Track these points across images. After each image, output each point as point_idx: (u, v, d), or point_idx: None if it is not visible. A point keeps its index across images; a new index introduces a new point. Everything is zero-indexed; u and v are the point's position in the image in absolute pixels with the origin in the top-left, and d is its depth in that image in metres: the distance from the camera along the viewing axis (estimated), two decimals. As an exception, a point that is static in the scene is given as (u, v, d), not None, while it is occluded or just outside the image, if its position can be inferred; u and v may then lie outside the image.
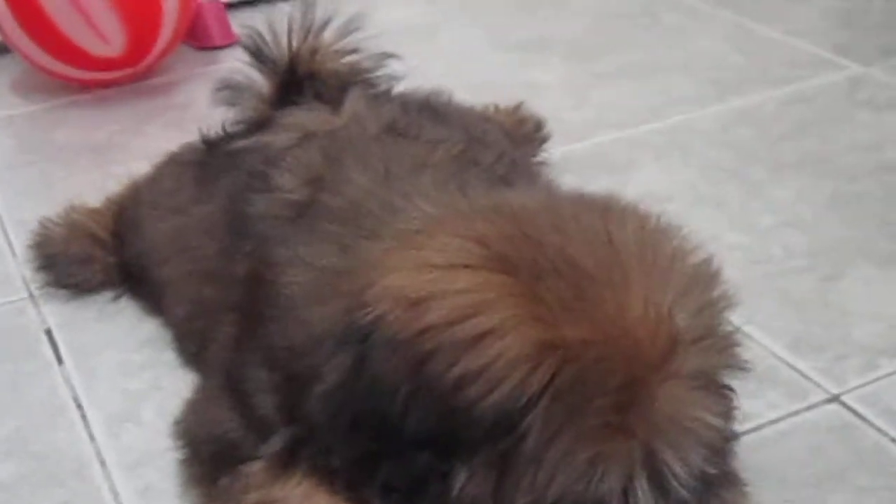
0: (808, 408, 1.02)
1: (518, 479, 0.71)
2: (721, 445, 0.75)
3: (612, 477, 0.70)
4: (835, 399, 1.03)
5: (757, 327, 1.11)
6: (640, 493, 0.70)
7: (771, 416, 1.01)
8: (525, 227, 0.76)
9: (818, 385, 1.05)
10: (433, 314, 0.71)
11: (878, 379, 1.05)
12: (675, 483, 0.71)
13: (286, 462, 0.86)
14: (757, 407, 1.01)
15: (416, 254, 0.76)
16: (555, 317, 0.70)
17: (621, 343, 0.70)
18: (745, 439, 0.96)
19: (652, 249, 0.76)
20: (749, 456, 0.92)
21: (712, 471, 0.74)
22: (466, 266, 0.73)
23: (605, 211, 0.80)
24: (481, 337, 0.70)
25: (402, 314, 0.73)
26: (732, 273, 0.82)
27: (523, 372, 0.69)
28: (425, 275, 0.74)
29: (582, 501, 0.71)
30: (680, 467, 0.71)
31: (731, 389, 0.79)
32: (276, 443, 0.86)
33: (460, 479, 0.73)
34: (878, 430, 0.99)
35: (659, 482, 0.71)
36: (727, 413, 0.77)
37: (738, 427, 0.96)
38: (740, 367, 0.79)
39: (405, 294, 0.73)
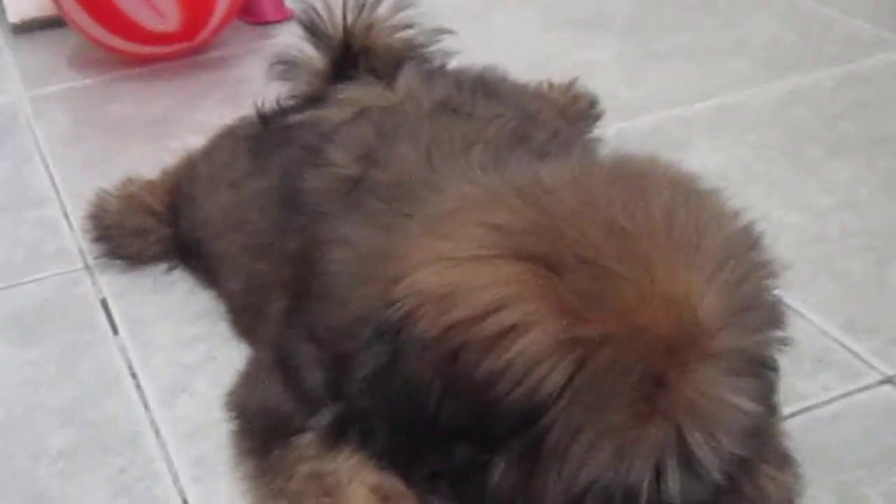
0: (862, 389, 1.01)
1: (546, 470, 0.72)
2: (757, 427, 0.73)
3: (642, 464, 0.70)
4: (889, 381, 1.02)
5: (811, 308, 1.11)
6: (670, 478, 0.71)
7: (824, 397, 1.00)
8: (546, 215, 0.75)
9: (872, 366, 1.04)
10: (459, 310, 0.72)
11: (932, 362, 1.04)
12: (706, 466, 0.71)
13: (336, 436, 0.86)
14: (810, 388, 1.01)
15: (440, 245, 0.76)
16: (576, 311, 0.70)
17: (644, 335, 0.70)
18: (797, 420, 0.96)
19: (681, 223, 0.75)
20: (802, 437, 0.93)
21: (748, 453, 0.74)
22: (487, 258, 0.74)
23: (636, 185, 0.79)
24: (506, 333, 0.70)
25: (429, 311, 0.73)
26: (786, 252, 0.81)
27: (546, 368, 0.70)
28: (449, 269, 0.74)
29: (613, 488, 0.71)
30: (710, 451, 0.71)
31: (774, 367, 0.79)
32: (325, 417, 0.87)
33: (497, 470, 0.74)
34: (933, 412, 0.98)
35: (690, 466, 0.71)
36: (765, 393, 0.76)
37: (789, 408, 0.96)
38: (783, 341, 0.78)
39: (430, 290, 0.74)
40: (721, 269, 0.73)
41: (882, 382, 1.02)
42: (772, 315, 0.78)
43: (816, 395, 1.00)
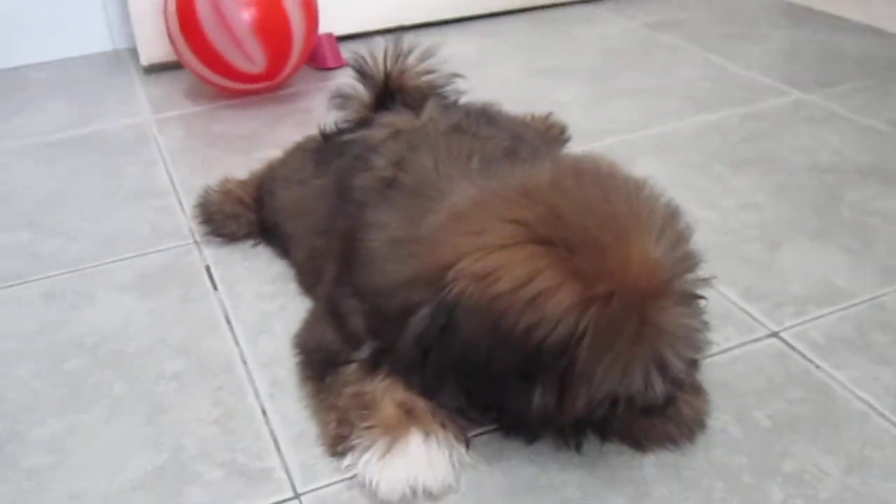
0: (754, 340, 1.01)
1: (576, 389, 0.75)
2: (703, 339, 0.79)
3: (638, 377, 0.74)
4: (774, 335, 1.02)
5: (718, 280, 1.10)
6: (656, 382, 0.75)
7: (726, 345, 1.00)
8: (550, 209, 0.77)
9: (762, 324, 1.03)
10: (499, 285, 0.74)
11: (806, 321, 1.04)
12: (674, 370, 0.76)
13: (372, 366, 0.87)
14: (716, 338, 1.00)
15: (475, 239, 0.77)
16: (587, 277, 0.73)
17: (633, 288, 0.73)
18: (707, 362, 0.95)
19: (637, 206, 0.78)
20: (710, 374, 0.94)
21: (696, 356, 0.80)
22: (514, 245, 0.75)
23: (605, 183, 0.81)
24: (537, 297, 0.72)
25: (477, 288, 0.74)
26: (701, 240, 0.82)
27: (572, 318, 0.72)
28: (486, 256, 0.75)
29: (619, 396, 0.75)
30: (677, 360, 0.75)
31: (702, 296, 0.81)
32: (364, 351, 0.88)
33: (537, 393, 0.76)
34: (806, 358, 0.98)
35: (665, 371, 0.75)
36: (702, 317, 0.80)
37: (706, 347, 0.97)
38: (703, 279, 0.81)
39: (476, 272, 0.75)
40: (664, 233, 0.77)
41: (769, 336, 1.01)
42: (696, 261, 0.81)
43: (721, 345, 1.00)
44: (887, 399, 0.91)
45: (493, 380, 0.77)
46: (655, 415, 0.82)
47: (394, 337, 0.82)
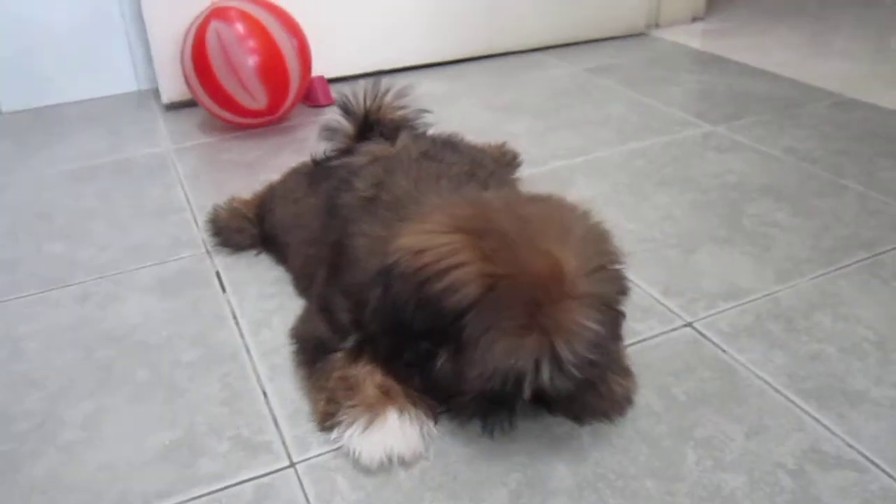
0: (672, 330, 1.02)
1: (468, 357, 0.74)
2: (601, 342, 0.74)
3: (526, 359, 0.72)
4: (689, 325, 1.02)
5: (643, 280, 1.11)
6: (544, 370, 0.73)
7: (649, 334, 1.00)
8: (479, 210, 0.79)
9: (679, 316, 1.04)
10: (425, 257, 0.75)
11: (715, 314, 1.05)
12: (566, 364, 0.73)
13: (356, 353, 0.87)
14: (641, 328, 1.01)
15: (418, 226, 0.79)
16: (490, 259, 0.73)
17: (527, 276, 0.72)
18: (634, 348, 0.96)
19: (559, 218, 0.78)
20: (636, 358, 0.94)
21: (598, 359, 0.75)
22: (443, 231, 0.76)
23: (537, 201, 0.83)
24: (450, 269, 0.73)
25: (408, 259, 0.76)
26: (628, 247, 0.83)
27: (469, 289, 0.72)
28: (422, 236, 0.77)
29: (508, 374, 0.73)
30: (570, 353, 0.72)
31: (619, 311, 0.80)
32: (349, 341, 0.88)
33: (441, 358, 0.77)
34: (715, 344, 0.99)
35: (558, 364, 0.73)
36: (610, 322, 0.77)
37: (629, 340, 0.97)
38: (624, 291, 0.80)
39: (410, 247, 0.76)
40: (583, 246, 0.77)
41: (684, 326, 1.02)
42: (617, 279, 0.80)
43: (644, 333, 1.00)
44: (781, 377, 0.92)
45: (413, 339, 0.77)
46: (590, 393, 0.83)
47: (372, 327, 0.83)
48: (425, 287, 0.73)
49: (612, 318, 0.78)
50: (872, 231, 1.23)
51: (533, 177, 1.45)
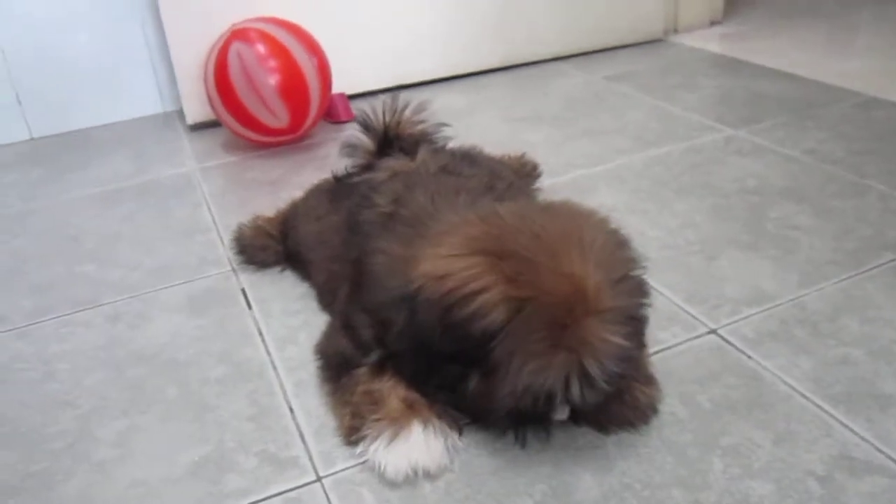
0: (696, 337, 1.01)
1: (499, 377, 0.73)
2: (628, 355, 0.74)
3: (555, 378, 0.72)
4: (713, 332, 1.02)
5: (666, 287, 1.10)
6: (573, 387, 0.72)
7: (673, 341, 1.00)
8: (494, 229, 0.78)
9: (703, 323, 1.03)
10: (448, 283, 0.74)
11: (739, 320, 1.03)
12: (596, 379, 0.72)
13: (380, 368, 0.87)
14: (665, 336, 1.00)
15: (437, 250, 0.78)
16: (513, 282, 0.73)
17: (551, 296, 0.72)
18: (658, 356, 0.96)
19: (576, 233, 0.77)
20: (660, 366, 0.94)
21: (625, 371, 0.75)
22: (464, 255, 0.76)
23: (552, 213, 0.82)
24: (475, 294, 0.73)
25: (432, 285, 0.75)
26: (651, 254, 0.82)
27: (495, 313, 0.72)
28: (440, 261, 0.77)
29: (539, 392, 0.73)
30: (599, 369, 0.72)
31: (642, 320, 0.79)
32: (373, 357, 0.88)
33: (472, 381, 0.77)
34: (739, 350, 0.98)
35: (587, 379, 0.73)
36: (634, 334, 0.77)
37: (653, 348, 0.96)
38: (647, 297, 0.79)
39: (432, 273, 0.76)
40: (603, 257, 0.76)
41: (708, 333, 1.01)
42: (638, 287, 0.79)
43: (668, 341, 0.99)
44: (807, 382, 0.91)
45: (441, 363, 0.77)
46: (615, 403, 0.82)
47: (395, 345, 0.83)
48: (451, 313, 0.73)
49: (637, 327, 0.78)
50: (897, 232, 1.21)
51: (553, 186, 1.45)
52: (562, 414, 0.79)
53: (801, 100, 1.82)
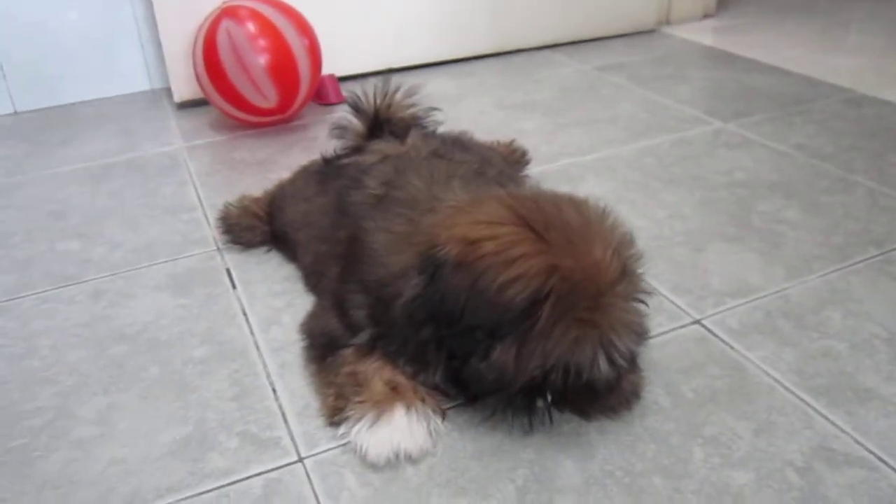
0: (681, 327, 1.01)
1: (532, 349, 0.73)
2: (644, 335, 0.78)
3: (587, 351, 0.73)
4: (697, 322, 1.02)
5: (653, 277, 1.11)
6: (600, 362, 0.74)
7: (659, 330, 1.00)
8: (536, 202, 0.78)
9: (687, 313, 1.04)
10: (484, 248, 0.74)
11: (724, 310, 1.04)
12: (618, 357, 0.75)
13: (368, 350, 0.86)
14: (651, 325, 1.00)
15: (470, 216, 0.78)
16: (555, 252, 0.73)
17: (593, 270, 0.73)
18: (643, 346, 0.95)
19: (598, 223, 0.78)
20: (645, 354, 0.93)
21: (638, 349, 0.79)
22: (502, 223, 0.76)
23: (570, 198, 0.82)
24: (514, 261, 0.72)
25: (464, 249, 0.75)
26: (639, 244, 0.82)
27: (539, 282, 0.72)
28: (477, 227, 0.76)
29: (569, 365, 0.74)
30: (623, 347, 0.74)
31: (646, 302, 0.81)
32: (362, 338, 0.88)
33: (497, 349, 0.75)
34: (723, 341, 0.98)
35: (610, 356, 0.74)
36: (644, 317, 0.79)
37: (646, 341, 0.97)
38: (647, 291, 0.81)
39: (466, 237, 0.75)
40: (614, 241, 0.77)
41: (693, 323, 1.02)
42: (642, 280, 0.81)
43: (654, 330, 0.99)
44: (790, 375, 0.92)
45: (463, 331, 0.75)
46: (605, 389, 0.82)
47: (392, 320, 0.82)
48: (484, 280, 0.72)
49: (644, 312, 0.80)
50: (883, 227, 1.22)
51: (543, 174, 1.45)
52: (544, 402, 0.80)
53: (791, 95, 1.83)
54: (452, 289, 0.74)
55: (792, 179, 1.40)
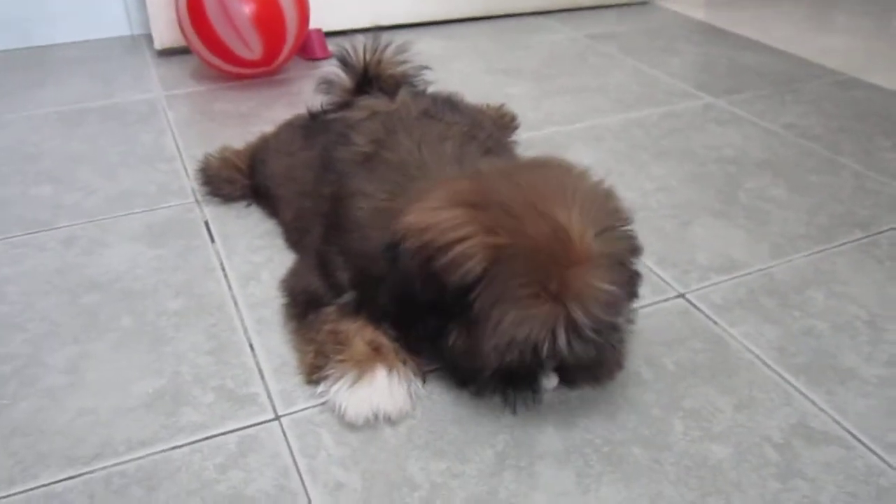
0: (665, 300, 1.01)
1: (481, 329, 0.72)
2: (616, 301, 0.73)
3: (539, 329, 0.70)
4: (681, 296, 1.02)
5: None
6: (559, 339, 0.71)
7: (642, 303, 0.99)
8: (478, 184, 0.76)
9: (672, 286, 1.03)
10: (430, 233, 0.73)
11: (708, 285, 1.04)
12: (584, 329, 0.71)
13: (350, 310, 0.85)
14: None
15: (421, 203, 0.77)
16: (493, 231, 0.71)
17: (533, 243, 0.71)
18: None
19: (559, 183, 0.76)
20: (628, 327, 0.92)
21: (616, 319, 0.74)
22: (445, 207, 0.74)
23: (536, 167, 0.81)
24: (455, 243, 0.71)
25: (414, 236, 0.74)
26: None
27: (474, 262, 0.70)
28: (424, 213, 0.75)
29: (524, 344, 0.71)
30: (586, 318, 0.71)
31: (631, 269, 0.78)
32: (345, 298, 0.86)
33: (453, 333, 0.75)
34: (707, 316, 0.98)
35: (575, 330, 0.71)
36: (625, 281, 0.75)
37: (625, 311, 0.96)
38: (635, 250, 0.79)
39: (415, 224, 0.75)
40: (588, 206, 0.75)
41: (677, 296, 1.02)
42: (626, 237, 0.78)
43: (638, 303, 0.98)
44: (771, 351, 0.92)
45: (421, 313, 0.76)
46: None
47: (373, 291, 0.81)
48: (430, 263, 0.72)
49: (626, 275, 0.77)
50: (868, 210, 1.22)
51: (530, 140, 1.43)
52: (551, 382, 0.78)
53: (782, 73, 1.82)
54: (408, 273, 0.74)
55: (780, 158, 1.39)
